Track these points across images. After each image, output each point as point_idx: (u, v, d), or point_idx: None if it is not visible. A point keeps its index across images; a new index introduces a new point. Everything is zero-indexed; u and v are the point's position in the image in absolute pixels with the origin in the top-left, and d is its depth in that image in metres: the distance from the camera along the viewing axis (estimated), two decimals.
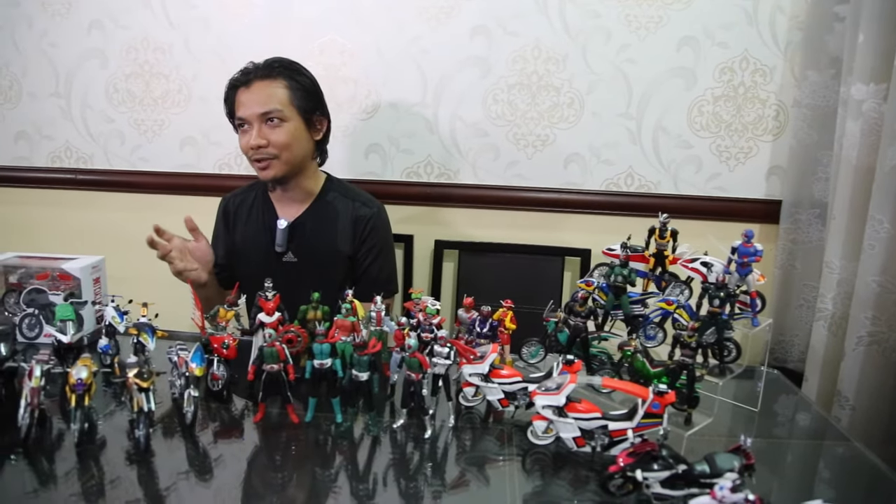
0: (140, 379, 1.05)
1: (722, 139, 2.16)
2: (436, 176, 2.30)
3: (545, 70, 2.17)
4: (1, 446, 1.08)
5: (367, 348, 1.17)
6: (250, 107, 1.68)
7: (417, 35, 2.20)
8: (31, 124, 2.55)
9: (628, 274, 1.34)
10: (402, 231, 2.25)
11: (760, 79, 2.10)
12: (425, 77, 2.23)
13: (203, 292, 1.69)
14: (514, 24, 2.15)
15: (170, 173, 2.46)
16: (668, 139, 2.17)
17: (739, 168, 2.17)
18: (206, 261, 1.72)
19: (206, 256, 1.72)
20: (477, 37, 2.18)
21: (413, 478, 1.05)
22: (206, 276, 1.69)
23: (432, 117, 2.25)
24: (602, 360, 1.31)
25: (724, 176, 2.18)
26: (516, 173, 2.26)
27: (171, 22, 2.36)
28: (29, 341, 1.48)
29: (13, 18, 2.46)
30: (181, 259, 1.64)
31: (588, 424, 1.07)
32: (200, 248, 1.71)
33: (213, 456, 1.10)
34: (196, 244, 1.70)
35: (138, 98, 2.45)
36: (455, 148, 2.27)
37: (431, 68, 2.22)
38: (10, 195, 2.63)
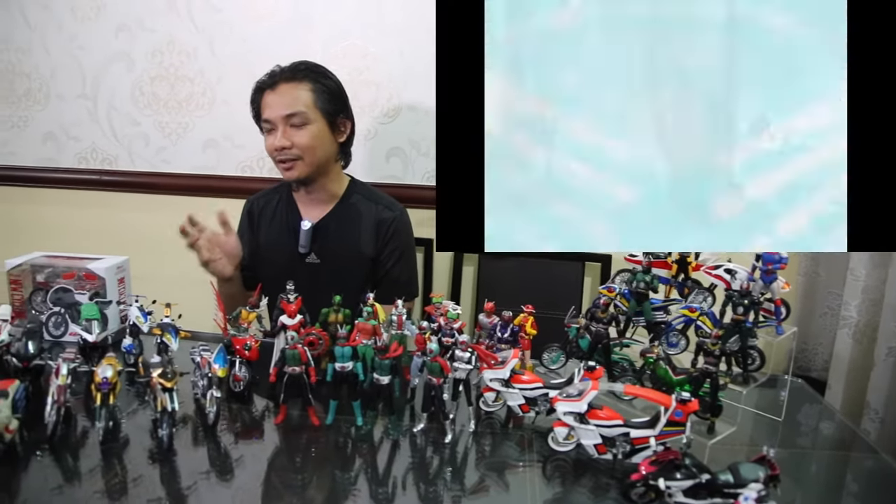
0: (164, 379, 1.06)
1: None
2: None
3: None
4: (28, 442, 1.10)
5: (389, 352, 1.17)
6: (275, 109, 1.70)
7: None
8: (59, 126, 2.59)
9: (651, 280, 1.33)
10: (423, 235, 2.25)
11: None
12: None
13: (226, 288, 1.70)
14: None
15: (193, 175, 2.48)
16: None
17: None
18: (234, 255, 1.73)
19: (234, 251, 1.73)
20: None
21: (432, 482, 1.04)
22: (230, 270, 1.70)
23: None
24: (624, 367, 1.31)
25: None
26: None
27: (196, 25, 2.39)
28: (55, 339, 1.50)
29: (44, 22, 2.51)
30: (209, 249, 1.65)
31: (610, 431, 1.06)
32: (230, 242, 1.72)
33: (234, 456, 1.11)
34: (226, 238, 1.71)
35: (163, 101, 2.48)
36: None
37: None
38: (37, 195, 2.67)
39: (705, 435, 1.14)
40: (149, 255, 1.93)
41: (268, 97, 1.73)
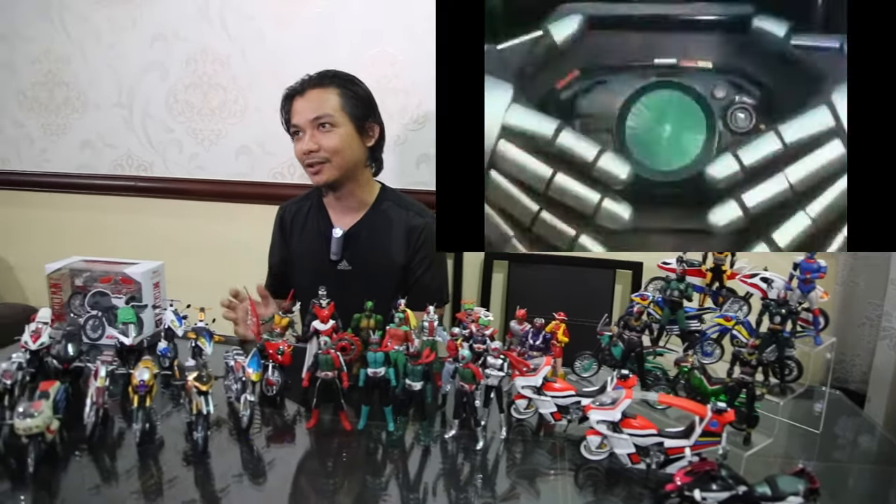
0: (199, 382, 1.08)
1: None
2: None
3: None
4: (67, 442, 1.12)
5: (421, 358, 1.17)
6: (303, 113, 1.73)
7: None
8: (96, 133, 2.65)
9: (685, 288, 1.32)
10: None
11: None
12: None
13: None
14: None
15: (225, 181, 2.52)
16: None
17: None
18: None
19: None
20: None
21: (463, 489, 1.04)
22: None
23: None
24: (657, 376, 1.29)
25: None
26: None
27: (228, 34, 2.42)
28: (92, 342, 1.53)
29: (83, 33, 2.57)
30: (243, 325, 1.67)
31: (643, 441, 1.05)
32: (268, 312, 1.69)
33: (267, 459, 1.12)
34: (265, 310, 1.71)
35: (196, 108, 2.52)
36: None
37: None
38: (75, 201, 2.73)
39: (741, 446, 1.12)
40: (182, 260, 1.96)
41: (297, 103, 1.76)
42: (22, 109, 2.71)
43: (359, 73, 1.84)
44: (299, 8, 2.34)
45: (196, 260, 2.51)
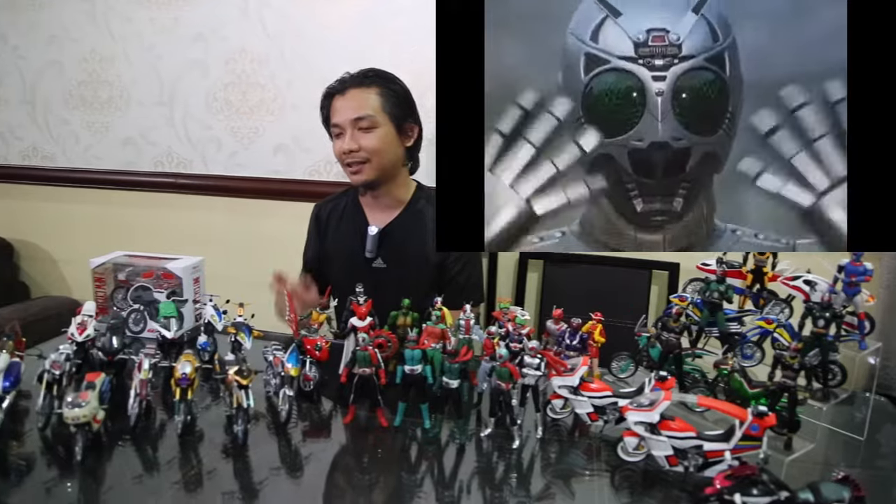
0: (240, 376, 1.09)
1: None
2: None
3: None
4: (112, 432, 1.15)
5: (459, 356, 1.17)
6: (344, 112, 1.74)
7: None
8: (138, 131, 2.71)
9: (725, 290, 1.30)
10: None
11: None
12: None
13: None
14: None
15: (263, 178, 2.56)
16: None
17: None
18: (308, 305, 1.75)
19: (312, 304, 1.74)
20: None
21: (498, 487, 1.04)
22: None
23: None
24: (695, 378, 1.27)
25: None
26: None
27: (267, 33, 2.46)
28: (134, 335, 1.56)
29: (126, 34, 2.63)
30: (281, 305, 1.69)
31: (682, 443, 1.04)
32: (310, 296, 1.71)
33: (304, 454, 1.13)
34: (307, 294, 1.72)
35: (235, 106, 2.56)
36: None
37: None
38: (117, 197, 2.80)
39: (782, 451, 1.10)
40: (220, 255, 1.99)
41: (337, 102, 1.77)
42: (68, 108, 2.79)
43: (397, 70, 1.85)
44: (338, 6, 2.36)
45: (233, 256, 2.56)
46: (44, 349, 1.28)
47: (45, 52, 2.77)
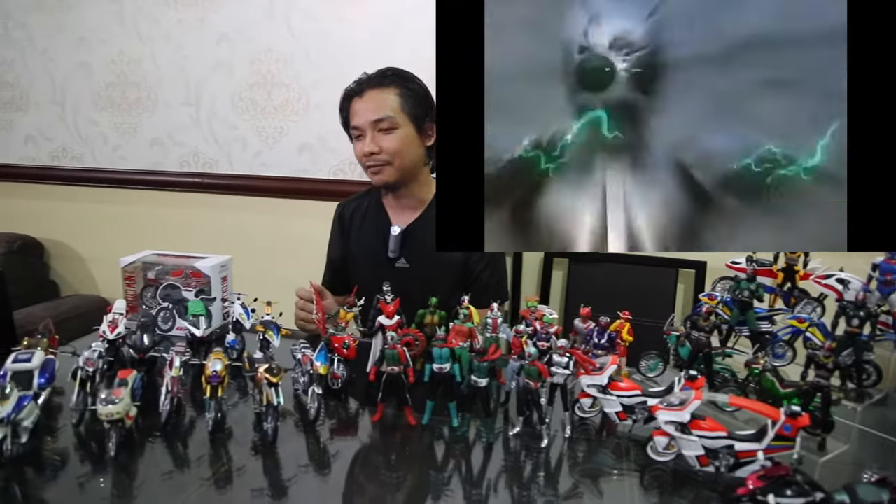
0: (270, 374, 1.10)
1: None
2: None
3: None
4: (143, 429, 1.16)
5: (487, 355, 1.17)
6: (363, 114, 1.74)
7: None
8: (165, 131, 2.75)
9: (756, 289, 1.28)
10: None
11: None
12: None
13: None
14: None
15: (288, 178, 2.58)
16: None
17: None
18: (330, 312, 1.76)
19: (330, 310, 1.75)
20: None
21: (526, 486, 1.03)
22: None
23: None
24: (725, 377, 1.26)
25: None
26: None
27: (293, 34, 2.47)
28: (163, 333, 1.58)
29: (154, 35, 2.66)
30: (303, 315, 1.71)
31: (713, 443, 1.03)
32: (327, 304, 1.73)
33: (332, 451, 1.13)
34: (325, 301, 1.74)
35: (260, 106, 2.58)
36: None
37: None
38: (144, 197, 2.84)
39: (815, 452, 1.09)
40: (246, 254, 2.01)
41: (356, 104, 1.77)
42: (96, 109, 2.83)
43: (420, 71, 1.85)
44: (362, 7, 2.37)
45: (259, 254, 2.58)
46: (76, 347, 1.30)
47: (74, 54, 2.82)
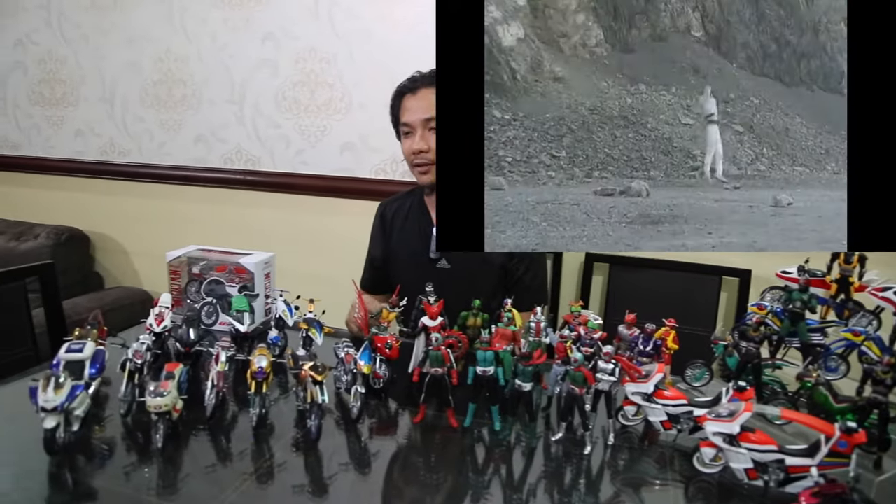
0: (315, 372, 1.10)
1: None
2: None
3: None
4: (188, 422, 1.18)
5: (533, 359, 1.16)
6: (415, 112, 1.74)
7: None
8: (209, 129, 2.79)
9: (808, 299, 1.24)
10: None
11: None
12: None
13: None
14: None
15: (330, 177, 2.59)
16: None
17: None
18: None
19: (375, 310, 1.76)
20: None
21: (567, 493, 1.02)
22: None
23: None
24: (774, 390, 1.23)
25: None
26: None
27: (336, 33, 2.49)
28: (206, 328, 1.59)
29: (200, 34, 2.70)
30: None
31: (762, 457, 1.00)
32: (373, 304, 1.73)
33: (373, 451, 1.14)
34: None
35: (303, 105, 2.60)
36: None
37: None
38: (188, 193, 2.89)
39: (871, 470, 1.05)
40: (286, 251, 2.02)
41: (408, 101, 1.77)
42: (143, 106, 2.89)
43: None
44: (405, 6, 2.37)
45: (300, 252, 2.60)
46: (124, 339, 1.32)
47: (123, 52, 2.88)
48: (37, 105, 3.12)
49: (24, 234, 2.98)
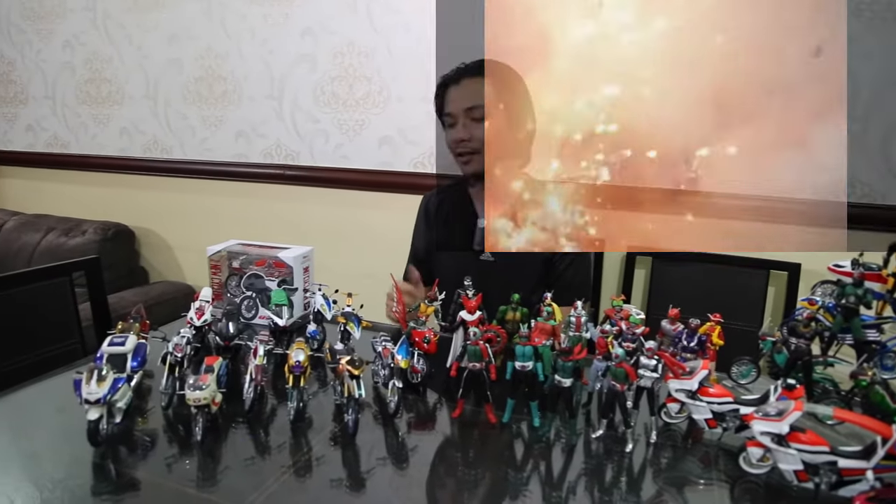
0: (352, 366, 1.10)
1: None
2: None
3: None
4: (227, 415, 1.19)
5: (573, 354, 1.13)
6: (457, 102, 1.74)
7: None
8: (249, 124, 2.82)
9: (863, 294, 1.19)
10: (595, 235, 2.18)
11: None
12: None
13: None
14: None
15: (368, 171, 2.60)
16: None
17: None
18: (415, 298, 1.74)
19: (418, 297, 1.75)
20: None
21: (607, 491, 1.00)
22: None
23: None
24: (826, 388, 1.18)
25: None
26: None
27: (374, 28, 2.48)
28: (246, 321, 1.61)
29: (240, 31, 2.73)
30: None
31: (813, 458, 0.96)
32: (418, 292, 1.73)
33: (410, 446, 1.13)
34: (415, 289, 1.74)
35: (342, 99, 2.61)
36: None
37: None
38: (230, 187, 2.93)
39: None
40: (326, 245, 2.02)
41: (451, 91, 1.77)
42: (185, 103, 2.93)
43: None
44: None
45: (339, 246, 2.62)
46: (165, 332, 1.34)
47: (166, 50, 2.93)
48: (84, 104, 3.20)
49: (73, 230, 3.06)
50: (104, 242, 2.98)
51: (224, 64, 2.81)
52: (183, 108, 2.95)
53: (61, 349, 1.88)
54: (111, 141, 3.17)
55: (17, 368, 1.73)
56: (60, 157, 3.32)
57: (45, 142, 3.35)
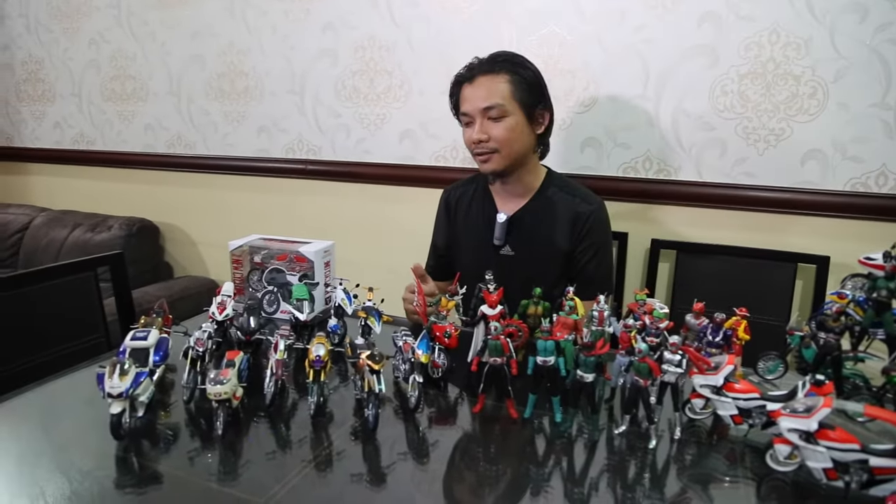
0: (372, 361, 1.10)
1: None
2: (654, 172, 2.18)
3: (783, 57, 1.96)
4: (248, 409, 1.20)
5: (595, 349, 1.12)
6: (473, 101, 1.70)
7: (641, 24, 2.10)
8: (271, 119, 2.83)
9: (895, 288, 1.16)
10: (617, 228, 2.15)
11: None
12: (647, 68, 2.12)
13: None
14: (746, 8, 1.97)
15: (390, 164, 2.59)
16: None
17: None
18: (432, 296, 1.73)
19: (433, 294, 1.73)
20: (704, 24, 2.02)
21: (630, 488, 0.98)
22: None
23: (653, 110, 2.13)
24: (856, 384, 1.15)
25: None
26: (745, 171, 2.07)
27: (395, 21, 2.48)
28: (268, 316, 1.62)
29: (261, 26, 2.74)
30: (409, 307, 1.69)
31: (844, 456, 0.94)
32: (430, 287, 1.69)
33: (431, 441, 1.12)
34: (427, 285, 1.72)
35: (363, 94, 2.60)
36: (677, 143, 2.13)
37: (654, 58, 2.11)
38: (252, 183, 2.95)
39: None
40: (348, 240, 2.03)
41: (466, 90, 1.73)
42: (208, 99, 2.95)
43: (525, 54, 1.79)
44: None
45: (361, 240, 2.62)
46: (187, 327, 1.35)
47: (188, 47, 2.95)
48: (109, 101, 3.24)
49: (99, 226, 3.10)
50: (129, 238, 3.02)
51: (246, 60, 2.82)
52: (205, 104, 2.97)
53: (87, 343, 1.90)
54: (136, 137, 3.21)
55: (44, 362, 1.76)
56: (87, 154, 3.37)
57: (72, 139, 3.40)
